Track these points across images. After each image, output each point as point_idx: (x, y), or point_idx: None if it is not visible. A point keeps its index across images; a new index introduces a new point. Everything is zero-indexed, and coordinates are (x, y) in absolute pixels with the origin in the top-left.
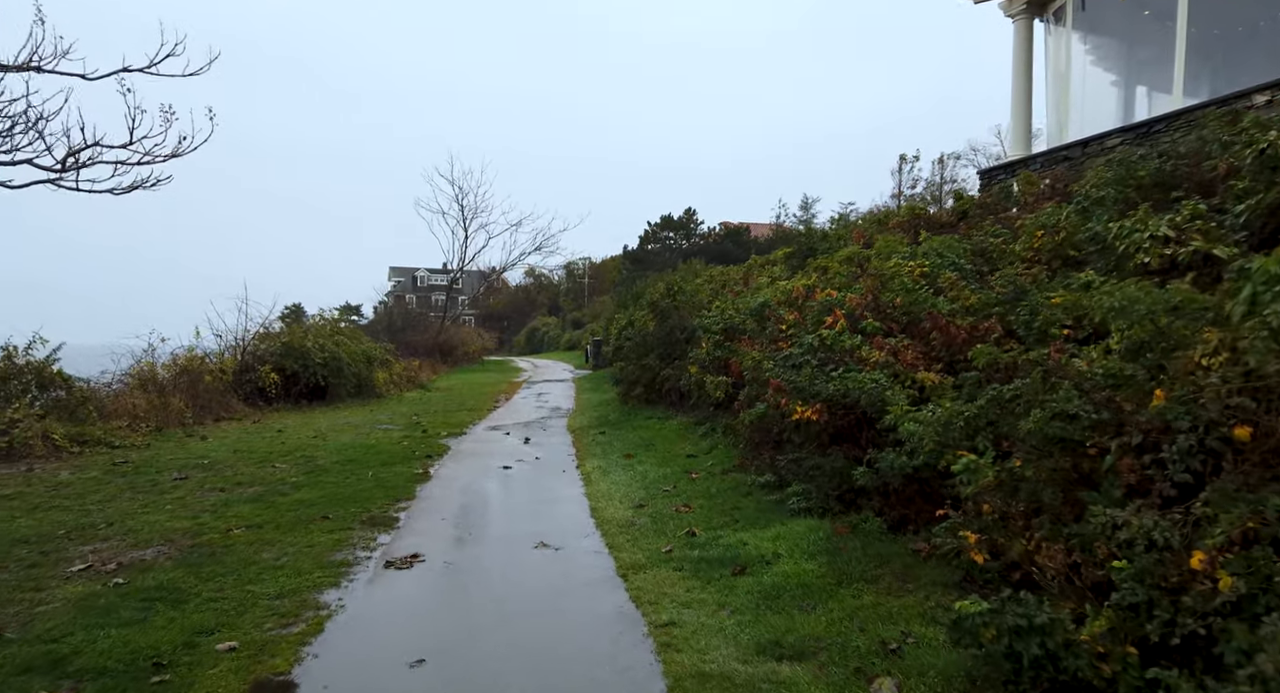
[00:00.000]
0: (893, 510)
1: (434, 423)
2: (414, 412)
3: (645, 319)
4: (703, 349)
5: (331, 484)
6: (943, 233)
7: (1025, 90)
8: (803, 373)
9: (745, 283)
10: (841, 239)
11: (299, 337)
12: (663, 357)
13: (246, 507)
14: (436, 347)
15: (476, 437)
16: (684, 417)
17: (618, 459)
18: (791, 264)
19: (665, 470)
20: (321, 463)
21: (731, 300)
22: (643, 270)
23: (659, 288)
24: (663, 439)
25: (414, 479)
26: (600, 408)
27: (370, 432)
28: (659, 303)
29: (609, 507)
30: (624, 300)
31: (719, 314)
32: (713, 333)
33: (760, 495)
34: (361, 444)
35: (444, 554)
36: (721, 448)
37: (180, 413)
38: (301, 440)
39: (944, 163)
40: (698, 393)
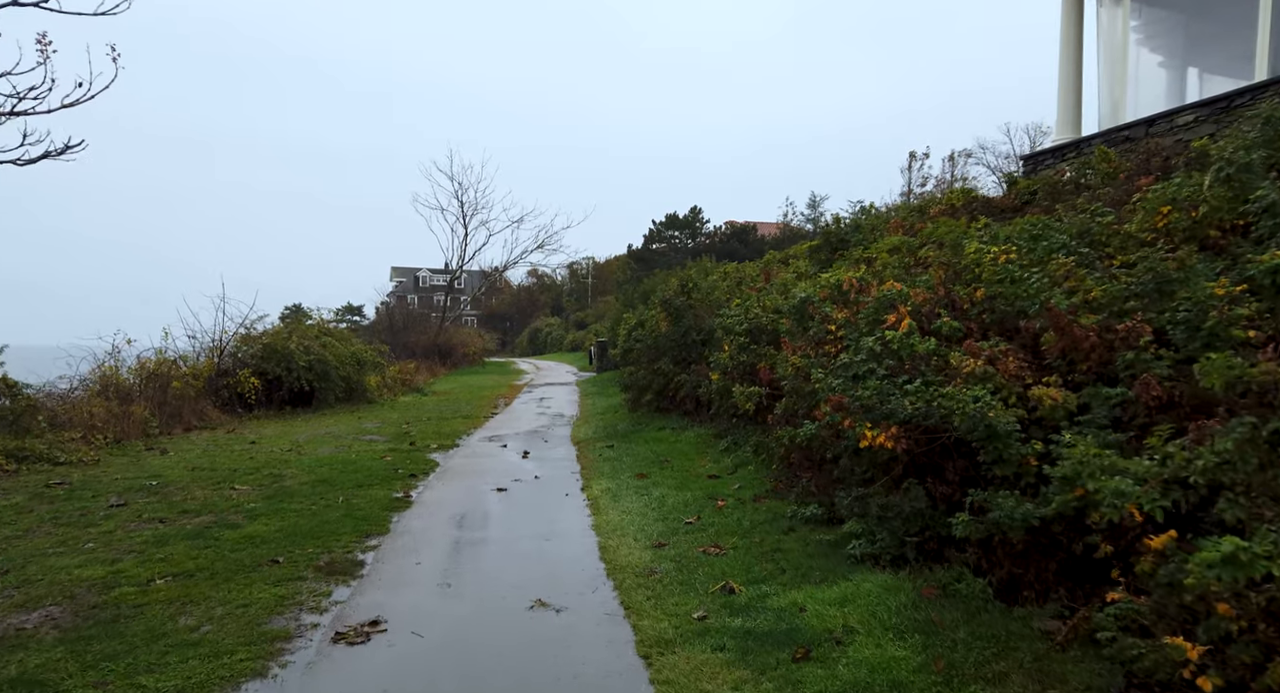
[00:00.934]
0: (998, 568)
1: (425, 433)
2: (405, 419)
3: (657, 319)
4: (724, 353)
5: (294, 514)
6: (1004, 218)
7: (1074, 70)
8: (866, 385)
9: (766, 279)
10: (876, 229)
11: (281, 338)
12: (677, 361)
13: (183, 545)
14: (435, 348)
15: (470, 450)
16: (701, 428)
17: (629, 480)
18: (818, 258)
19: (685, 495)
20: (288, 485)
21: (755, 298)
22: (648, 270)
23: (672, 285)
24: (679, 455)
25: (392, 506)
26: (607, 415)
27: (352, 444)
28: (672, 301)
29: (622, 546)
30: (630, 299)
31: (742, 313)
32: (736, 335)
33: (806, 533)
34: (339, 460)
35: (413, 619)
36: (750, 468)
37: (144, 423)
38: (273, 455)
39: (954, 160)
40: (719, 402)
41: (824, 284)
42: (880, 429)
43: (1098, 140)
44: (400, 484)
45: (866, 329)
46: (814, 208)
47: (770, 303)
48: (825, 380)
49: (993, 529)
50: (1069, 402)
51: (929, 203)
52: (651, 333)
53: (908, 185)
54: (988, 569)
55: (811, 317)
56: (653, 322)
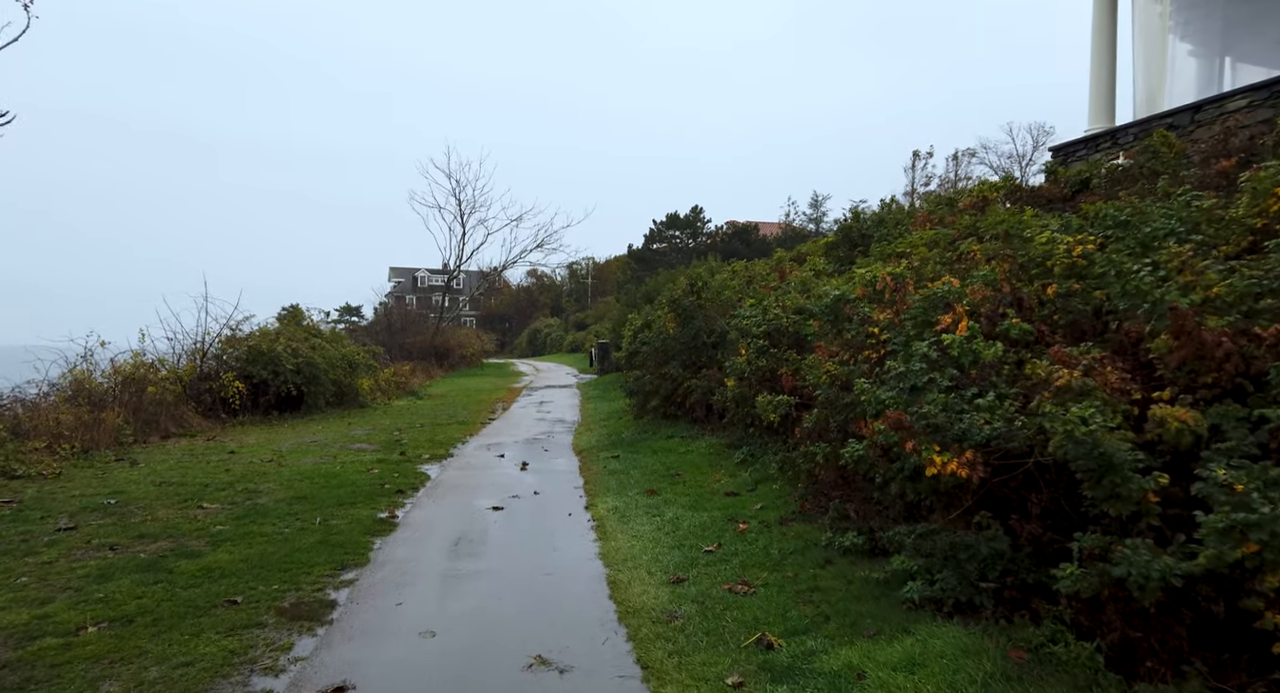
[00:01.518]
0: (1108, 629)
1: (417, 441)
2: (397, 425)
3: (664, 321)
4: (741, 357)
5: (263, 539)
6: (1054, 209)
7: (1108, 59)
8: (929, 399)
9: (781, 277)
10: (900, 224)
11: (268, 340)
12: (686, 364)
13: (130, 580)
14: (432, 349)
15: (464, 460)
16: (713, 437)
17: (638, 496)
18: (836, 255)
19: (702, 516)
20: (262, 503)
21: (773, 297)
22: (648, 270)
23: (680, 284)
24: (691, 467)
25: (374, 529)
26: (610, 422)
27: (338, 454)
28: (681, 301)
29: (634, 581)
30: (633, 299)
31: (759, 314)
32: (754, 337)
33: (845, 566)
34: (322, 473)
35: (388, 682)
36: (772, 485)
37: (116, 431)
38: (252, 466)
39: (958, 159)
40: (735, 410)
41: (860, 281)
42: (951, 453)
43: (1134, 129)
44: (386, 502)
45: (914, 332)
46: (816, 208)
47: (791, 302)
48: (873, 392)
49: (1114, 586)
50: (1199, 424)
51: (959, 195)
52: (659, 335)
53: (911, 184)
54: (1093, 629)
55: (848, 318)
56: (660, 323)
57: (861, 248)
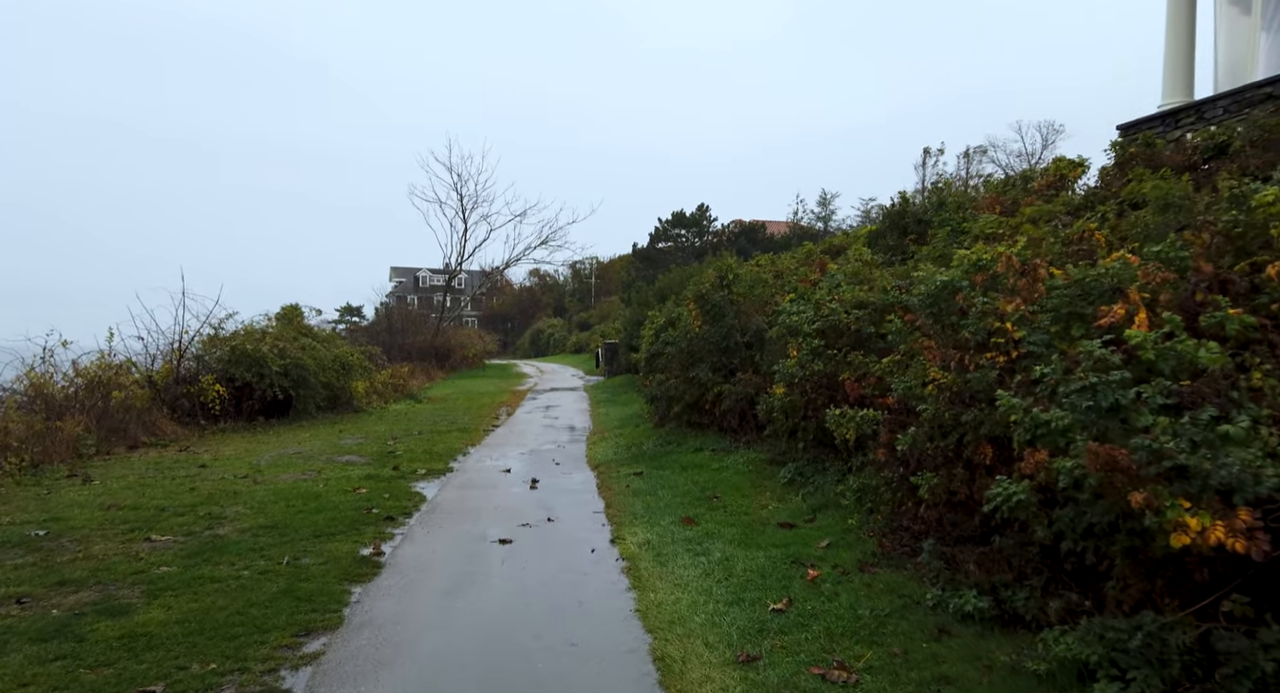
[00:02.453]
0: None
1: (413, 453)
2: (392, 433)
3: (690, 318)
4: (791, 360)
5: (214, 588)
6: None
7: (1186, 31)
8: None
9: (821, 269)
10: (962, 207)
11: (252, 340)
12: (717, 367)
13: (22, 656)
14: (432, 350)
15: (465, 476)
16: (750, 451)
17: (673, 527)
18: (885, 244)
19: (757, 557)
20: (224, 534)
21: (823, 291)
22: (654, 269)
23: (707, 277)
24: (729, 488)
25: (354, 572)
26: (627, 430)
27: (324, 468)
28: (709, 296)
29: (690, 659)
30: (644, 298)
31: (812, 310)
32: (806, 336)
33: (971, 639)
34: (302, 493)
35: None
36: (834, 513)
37: (76, 441)
38: (222, 483)
39: (970, 157)
40: (783, 422)
41: (963, 264)
42: (1208, 512)
43: (1224, 100)
44: (372, 533)
45: (1056, 329)
46: (825, 206)
47: (849, 296)
48: (1029, 411)
49: None
50: None
51: (1029, 175)
52: (685, 335)
53: (922, 182)
54: None
55: (961, 310)
56: (685, 321)
57: (914, 235)
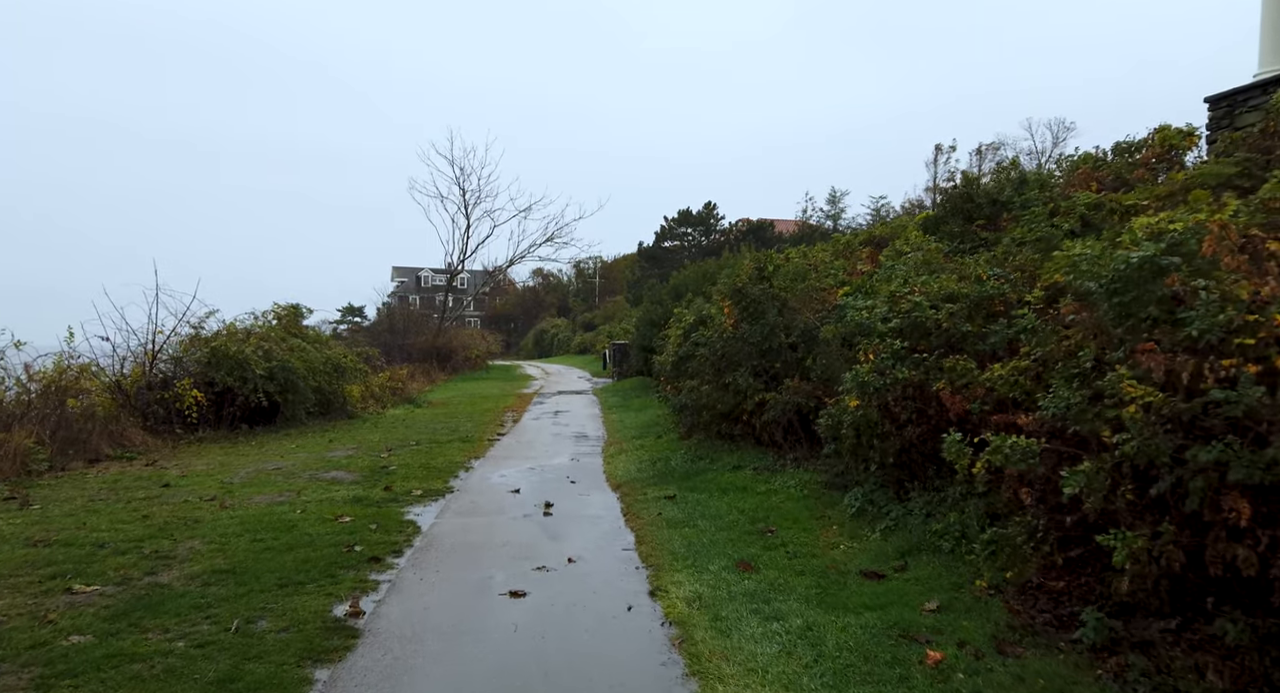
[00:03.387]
0: None
1: (409, 467)
2: (387, 443)
3: (724, 316)
4: (864, 366)
5: (131, 674)
6: None
7: None
8: None
9: (873, 261)
10: (1045, 186)
11: (234, 341)
12: (758, 372)
13: None
14: (433, 351)
15: (468, 499)
16: (800, 470)
17: (726, 574)
18: (949, 230)
19: (848, 625)
20: (169, 581)
21: (896, 282)
22: (660, 268)
23: (744, 268)
24: (783, 517)
25: (318, 648)
26: (647, 440)
27: (305, 487)
28: (747, 291)
29: None
30: (658, 296)
31: (885, 305)
32: (883, 337)
33: None
34: (274, 521)
35: None
36: (930, 561)
37: (25, 455)
38: (183, 509)
39: (982, 153)
40: (855, 439)
41: (1151, 234)
42: None
43: None
44: (351, 582)
45: None
46: (834, 204)
47: (938, 287)
48: None
49: None
50: None
51: (1125, 148)
52: (720, 335)
53: (933, 179)
54: None
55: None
56: (718, 320)
57: (983, 220)
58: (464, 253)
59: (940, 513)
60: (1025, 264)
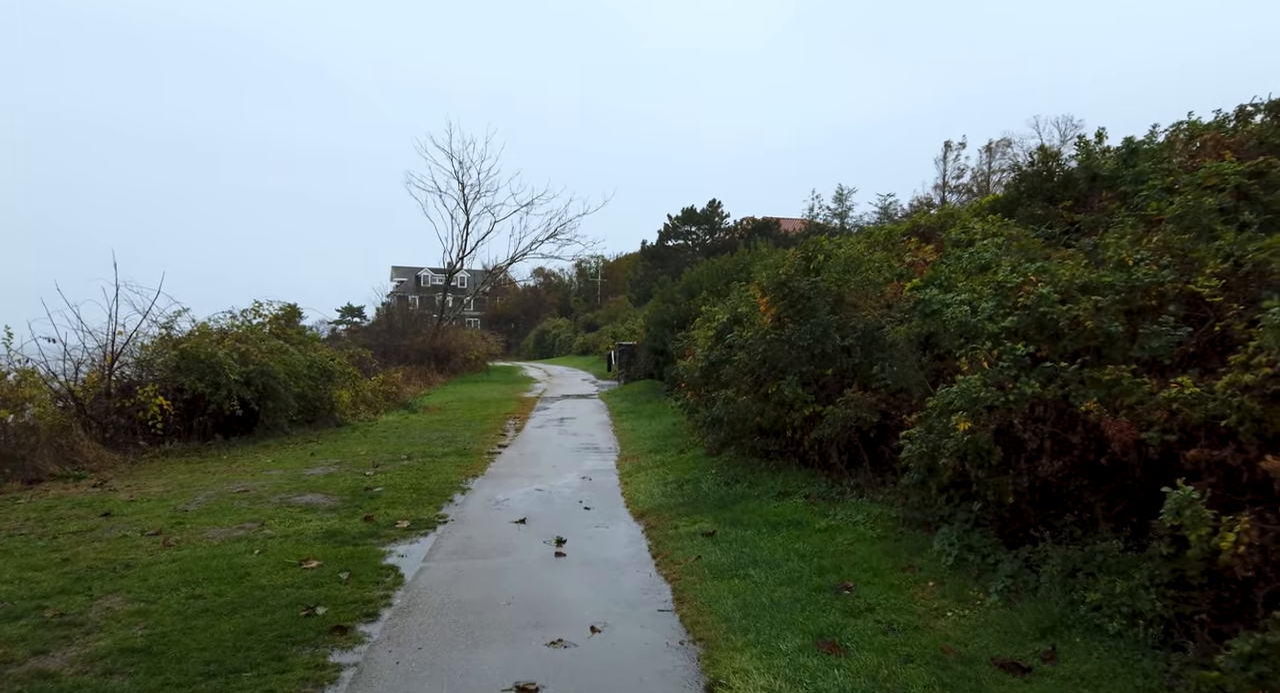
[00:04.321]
0: None
1: (396, 489)
2: (375, 457)
3: (761, 315)
4: (973, 377)
5: None
6: None
7: None
8: None
9: (939, 249)
10: (1156, 157)
11: (207, 343)
12: (807, 380)
13: None
14: (431, 352)
15: (463, 533)
16: (867, 501)
17: (805, 657)
18: (1030, 211)
19: None
20: (58, 667)
21: (1004, 271)
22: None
23: (788, 259)
24: (859, 568)
25: None
26: (667, 455)
27: (272, 516)
28: (793, 284)
29: None
30: (670, 295)
31: (992, 299)
32: (995, 339)
33: None
34: (223, 567)
35: None
36: (1083, 641)
37: None
38: (117, 547)
39: (992, 150)
40: (960, 470)
41: None
42: None
43: None
44: (304, 666)
45: None
46: (841, 202)
47: (1068, 275)
48: None
49: None
50: None
51: (1248, 111)
52: (762, 337)
53: (943, 177)
54: None
55: None
56: (756, 320)
57: (1070, 201)
58: (463, 250)
59: (1089, 575)
60: (1171, 246)
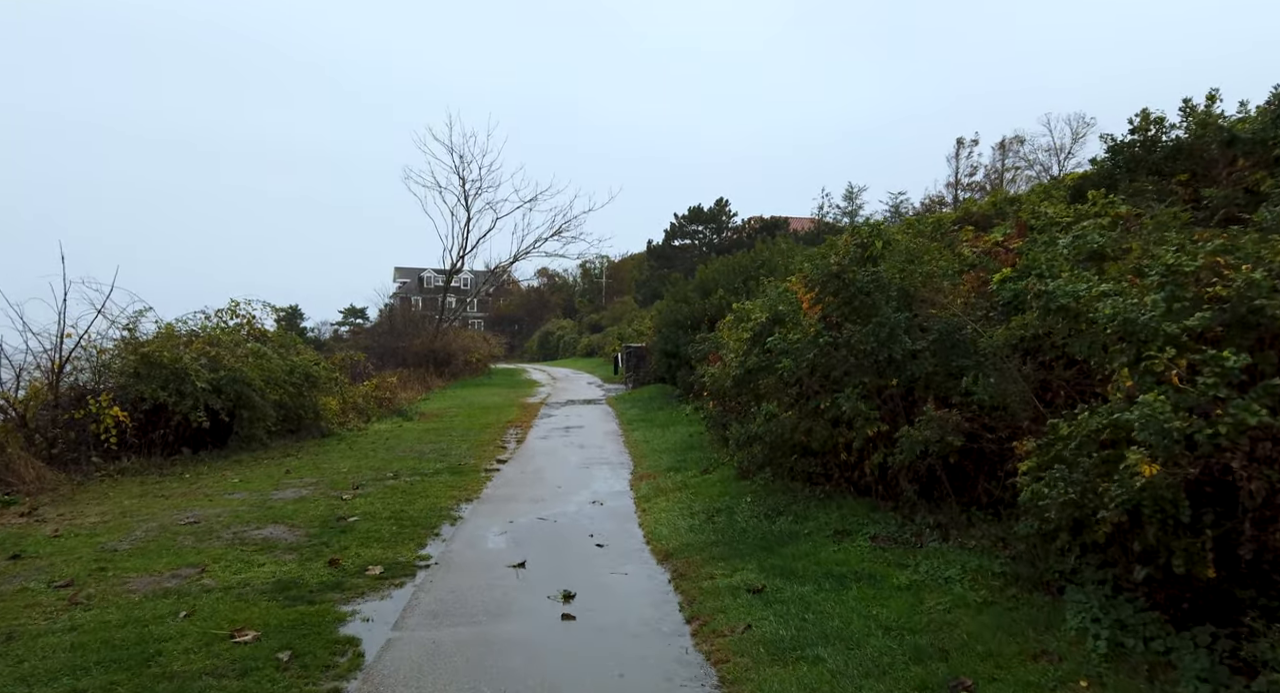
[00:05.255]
0: None
1: (375, 516)
2: (357, 476)
3: (805, 315)
4: (1152, 397)
5: None
6: None
7: None
8: None
9: (1021, 232)
10: None
11: (171, 346)
12: (868, 394)
13: None
14: (430, 355)
15: (447, 584)
16: (955, 547)
17: None
18: (1134, 188)
19: None
20: None
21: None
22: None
23: (841, 246)
24: (970, 651)
25: None
26: (687, 473)
27: (218, 558)
28: (849, 276)
29: None
30: (683, 294)
31: (1164, 290)
32: (1175, 343)
33: None
34: (127, 643)
35: None
36: None
37: None
38: (16, 600)
39: (1005, 148)
40: (1131, 527)
41: None
42: None
43: None
44: None
45: None
46: (851, 200)
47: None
48: None
49: None
50: None
51: None
52: (813, 340)
53: (955, 174)
54: None
55: None
56: (800, 319)
57: (1185, 175)
58: (463, 249)
59: None
60: None
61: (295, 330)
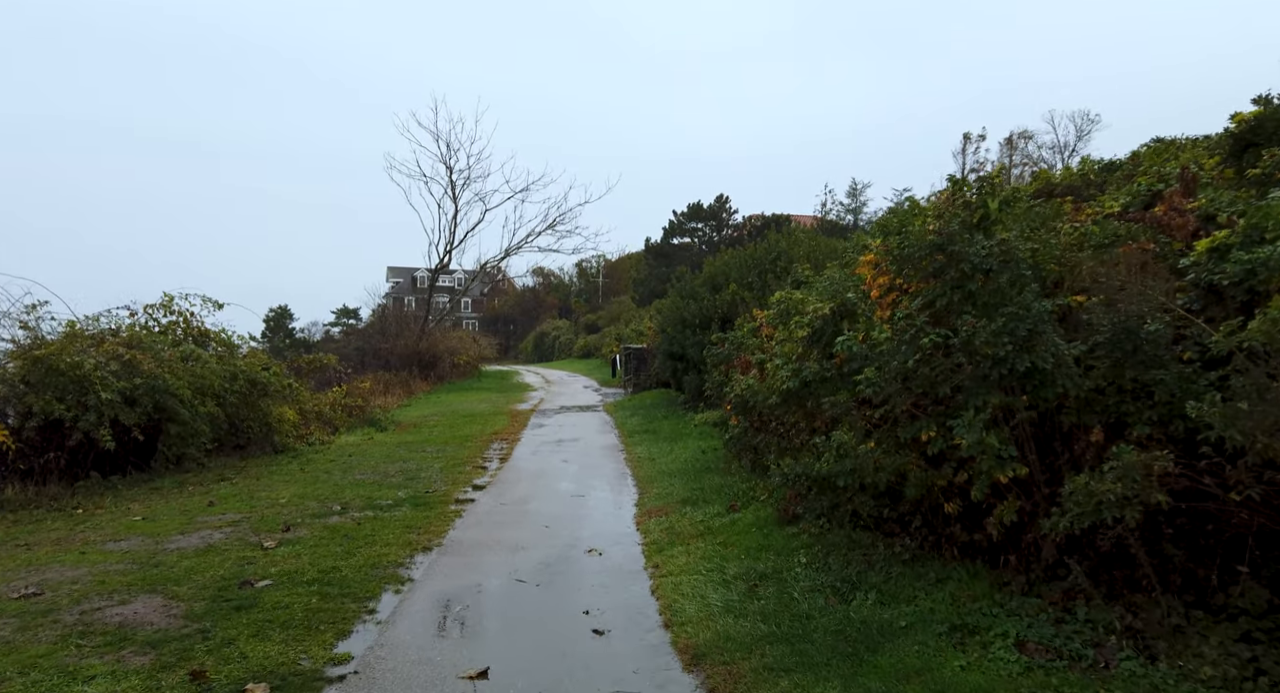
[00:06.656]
0: None
1: (295, 580)
2: (295, 511)
3: (873, 305)
4: None
5: None
6: None
7: None
8: None
9: (1187, 188)
10: None
11: (73, 350)
12: (995, 421)
13: None
14: (414, 357)
15: None
16: (1166, 668)
17: None
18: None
19: None
20: None
21: None
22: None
23: (944, 206)
24: None
25: None
26: (709, 509)
27: (27, 668)
28: (960, 250)
29: None
30: (691, 289)
31: None
32: None
33: None
34: None
35: None
36: None
37: None
38: None
39: (1013, 143)
40: None
41: None
42: None
43: None
44: None
45: None
46: (855, 197)
47: None
48: None
49: None
50: None
51: None
52: (911, 341)
53: (962, 170)
54: None
55: None
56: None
57: None
58: (451, 243)
59: None
60: None
61: (284, 331)
